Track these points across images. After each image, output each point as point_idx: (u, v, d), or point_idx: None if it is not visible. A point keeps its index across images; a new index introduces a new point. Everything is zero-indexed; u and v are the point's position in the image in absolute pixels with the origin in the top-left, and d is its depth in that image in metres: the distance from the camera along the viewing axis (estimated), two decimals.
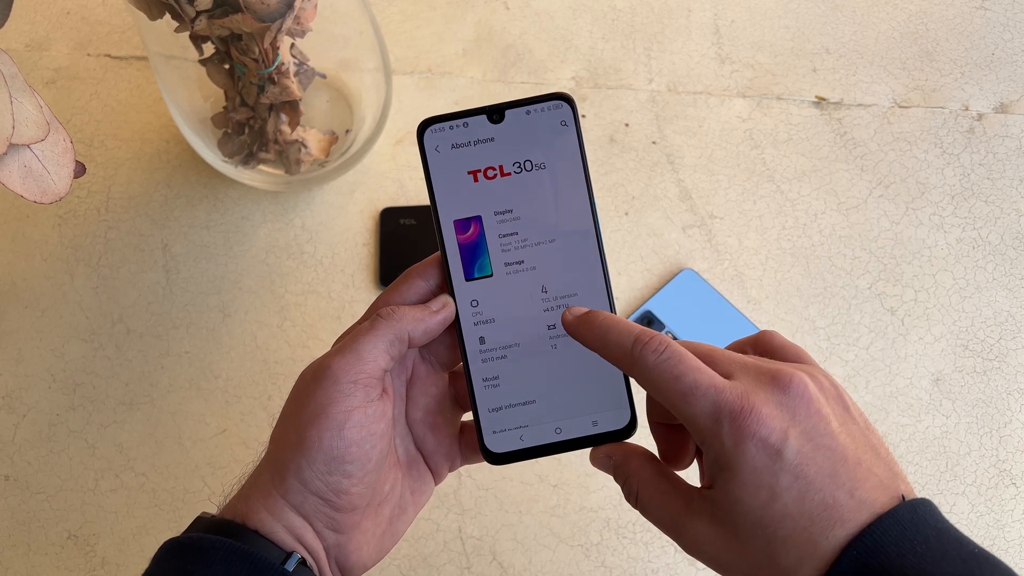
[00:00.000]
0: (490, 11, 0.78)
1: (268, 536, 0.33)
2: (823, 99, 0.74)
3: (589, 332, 0.35)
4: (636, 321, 0.63)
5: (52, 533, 0.58)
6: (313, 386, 0.34)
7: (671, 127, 0.72)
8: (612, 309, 0.37)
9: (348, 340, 0.35)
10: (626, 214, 0.69)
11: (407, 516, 0.38)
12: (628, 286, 0.66)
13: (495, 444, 0.37)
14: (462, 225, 0.37)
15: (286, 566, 0.32)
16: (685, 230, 0.68)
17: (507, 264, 0.37)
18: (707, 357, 0.33)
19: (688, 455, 0.38)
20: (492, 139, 0.36)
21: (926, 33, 0.77)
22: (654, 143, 0.72)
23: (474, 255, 0.37)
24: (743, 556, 0.31)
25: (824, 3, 0.79)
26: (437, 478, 0.40)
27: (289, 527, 0.34)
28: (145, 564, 0.33)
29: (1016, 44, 0.77)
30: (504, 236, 0.37)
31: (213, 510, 0.36)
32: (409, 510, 0.38)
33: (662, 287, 0.65)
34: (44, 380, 0.63)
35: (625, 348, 0.33)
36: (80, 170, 0.38)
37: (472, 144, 0.37)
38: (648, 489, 0.34)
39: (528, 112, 0.36)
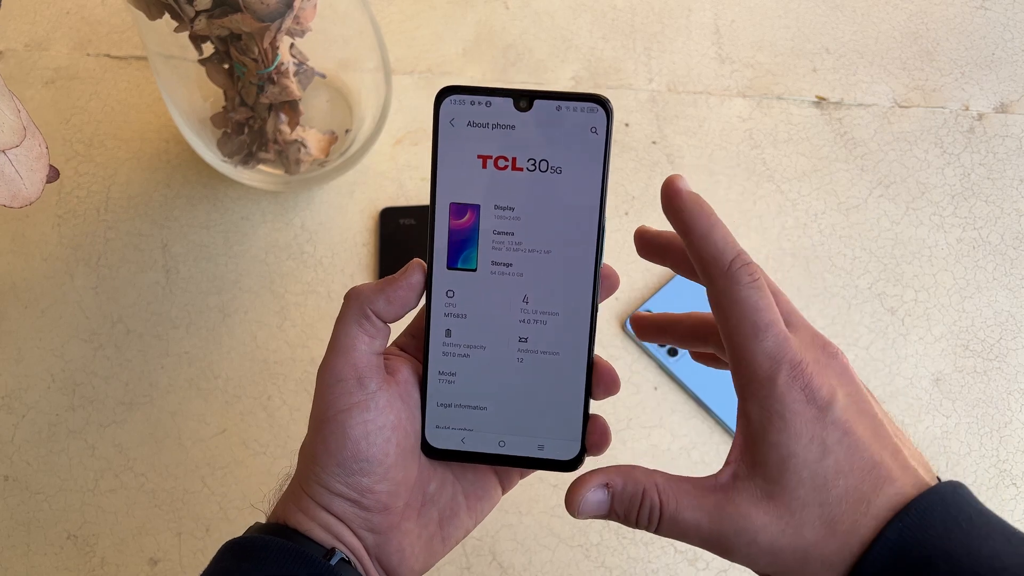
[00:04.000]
0: (490, 11, 0.78)
1: (307, 534, 0.33)
2: (823, 99, 0.74)
3: (696, 217, 0.33)
4: None
5: (52, 533, 0.58)
6: (315, 392, 0.34)
7: (671, 127, 0.72)
8: (592, 338, 0.34)
9: (331, 338, 0.35)
10: (626, 214, 0.69)
11: (460, 522, 0.36)
12: (628, 286, 0.65)
13: (435, 439, 0.36)
14: (458, 210, 0.34)
15: (330, 562, 0.32)
16: None
17: (494, 263, 0.34)
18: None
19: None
20: (513, 127, 0.33)
21: (926, 33, 0.77)
22: (654, 143, 0.72)
23: (462, 244, 0.34)
24: (800, 533, 0.30)
25: (824, 3, 0.79)
26: (506, 484, 0.38)
27: (325, 526, 0.34)
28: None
29: (1016, 44, 0.77)
30: (499, 233, 0.34)
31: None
32: (463, 515, 0.36)
33: (662, 287, 0.65)
34: (44, 380, 0.63)
35: (724, 257, 0.32)
36: (53, 175, 0.38)
37: (490, 127, 0.33)
38: (672, 495, 0.32)
39: (559, 108, 0.33)
